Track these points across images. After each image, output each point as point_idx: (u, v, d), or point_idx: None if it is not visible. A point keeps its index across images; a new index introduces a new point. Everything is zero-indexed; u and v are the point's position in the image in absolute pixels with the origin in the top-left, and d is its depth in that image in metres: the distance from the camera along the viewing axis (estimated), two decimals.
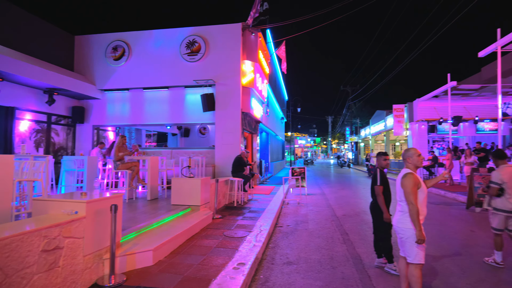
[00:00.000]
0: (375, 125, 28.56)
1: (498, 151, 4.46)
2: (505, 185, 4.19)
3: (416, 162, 3.16)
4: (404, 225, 3.07)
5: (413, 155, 3.17)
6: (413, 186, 3.00)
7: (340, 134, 59.69)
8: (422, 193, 3.07)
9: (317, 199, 10.42)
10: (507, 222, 4.26)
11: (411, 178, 3.03)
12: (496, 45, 10.17)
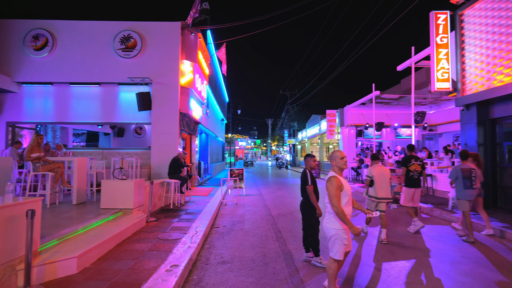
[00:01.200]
0: (311, 128, 30.24)
1: (373, 155, 6.05)
2: (374, 178, 5.81)
3: (339, 164, 3.29)
4: (329, 225, 3.25)
5: (337, 158, 3.30)
6: (336, 189, 3.14)
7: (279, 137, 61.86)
8: (346, 195, 3.20)
9: (255, 200, 10.70)
10: (377, 205, 5.88)
11: (334, 181, 3.16)
12: (410, 61, 11.60)
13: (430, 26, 9.39)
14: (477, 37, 8.41)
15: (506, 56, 7.46)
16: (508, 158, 8.19)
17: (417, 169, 6.41)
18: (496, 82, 7.69)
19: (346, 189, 3.22)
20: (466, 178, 5.74)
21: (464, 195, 5.73)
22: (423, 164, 6.43)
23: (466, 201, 5.72)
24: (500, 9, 7.66)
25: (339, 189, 3.15)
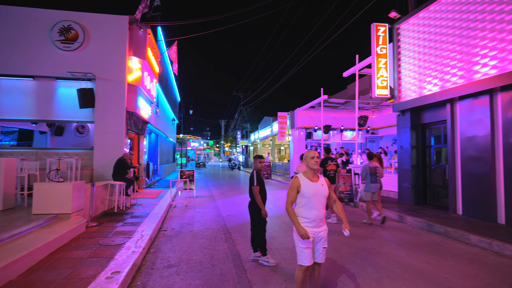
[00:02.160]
0: (263, 130, 30.73)
1: (301, 156, 6.61)
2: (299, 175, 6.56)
3: (309, 164, 3.11)
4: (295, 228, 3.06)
5: (307, 158, 3.14)
6: (291, 189, 3.04)
7: (232, 138, 61.90)
8: (304, 197, 2.97)
9: (205, 201, 10.57)
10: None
11: (293, 181, 3.08)
12: (355, 68, 12.37)
13: (371, 36, 10.12)
14: (411, 49, 9.26)
15: (434, 67, 8.32)
16: (436, 160, 9.13)
17: (333, 168, 7.82)
18: (426, 91, 8.54)
19: (305, 191, 2.98)
20: (372, 175, 7.19)
21: (370, 188, 7.15)
22: (338, 164, 7.87)
23: (370, 193, 7.16)
24: (430, 25, 8.52)
25: (295, 189, 3.02)
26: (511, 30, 6.30)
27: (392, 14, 10.00)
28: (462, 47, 7.48)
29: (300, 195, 3.00)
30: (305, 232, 2.87)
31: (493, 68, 6.67)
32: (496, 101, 6.79)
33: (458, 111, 7.73)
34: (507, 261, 4.72)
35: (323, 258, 3.07)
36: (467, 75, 7.30)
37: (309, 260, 2.92)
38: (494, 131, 6.78)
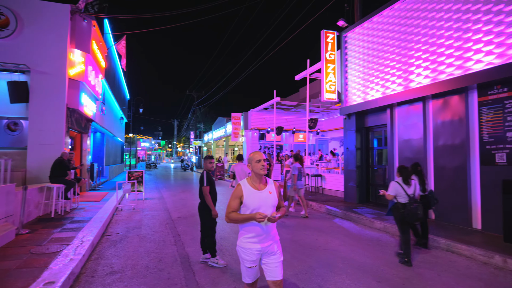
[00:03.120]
0: (217, 130, 30.48)
1: (239, 155, 7.35)
2: (235, 173, 7.13)
3: (255, 169, 2.57)
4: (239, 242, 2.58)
5: (252, 161, 2.60)
6: (233, 199, 2.53)
7: (185, 138, 60.46)
8: (247, 209, 2.49)
9: (155, 203, 10.17)
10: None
11: (235, 190, 2.57)
12: (306, 73, 12.81)
13: (321, 43, 10.57)
14: (357, 56, 9.86)
15: (377, 75, 8.94)
16: (378, 161, 9.82)
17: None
18: (370, 96, 9.15)
19: (248, 202, 2.48)
20: (300, 174, 8.36)
21: (298, 185, 8.35)
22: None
23: (299, 189, 8.37)
24: (373, 36, 9.15)
25: (237, 200, 2.51)
26: (441, 44, 7.01)
27: (340, 23, 10.55)
28: (400, 57, 8.14)
29: (244, 206, 2.50)
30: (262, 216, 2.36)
31: (426, 78, 7.36)
32: (428, 108, 7.50)
33: (397, 116, 8.40)
34: (437, 252, 5.22)
35: (279, 274, 2.51)
36: (405, 83, 7.96)
37: (253, 277, 2.59)
38: (426, 134, 7.48)
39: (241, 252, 2.53)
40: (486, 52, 6.07)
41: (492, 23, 5.98)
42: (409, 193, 4.78)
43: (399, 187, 4.84)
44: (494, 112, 6.02)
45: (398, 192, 4.82)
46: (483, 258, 4.79)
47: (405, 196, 4.78)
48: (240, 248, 2.54)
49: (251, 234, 2.49)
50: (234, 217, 2.47)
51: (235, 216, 2.47)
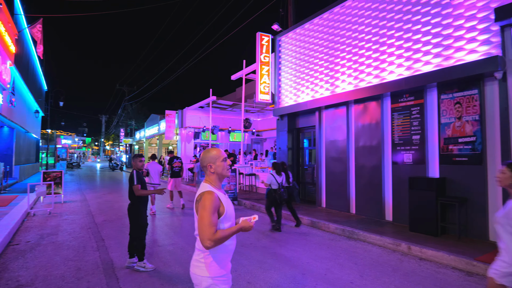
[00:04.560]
0: (150, 128, 29.04)
1: (153, 155, 8.72)
2: (149, 171, 8.15)
3: (220, 169, 2.04)
4: (198, 270, 1.96)
5: (217, 160, 2.04)
6: (211, 214, 1.87)
7: (115, 135, 56.34)
8: (228, 220, 1.99)
9: (76, 207, 9.27)
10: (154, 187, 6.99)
11: (209, 201, 1.90)
12: (242, 73, 12.98)
13: (256, 45, 10.81)
14: (290, 60, 10.32)
15: (307, 79, 9.48)
16: (308, 160, 10.41)
17: (178, 165, 9.49)
18: (301, 99, 9.65)
19: (229, 211, 2.00)
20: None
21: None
22: (182, 162, 9.74)
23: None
24: (305, 41, 9.68)
25: (216, 212, 1.91)
26: (362, 55, 7.72)
27: (275, 27, 10.92)
28: (328, 64, 8.75)
29: (224, 218, 1.96)
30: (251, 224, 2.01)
31: (349, 84, 8.04)
32: (351, 112, 8.20)
33: (324, 118, 9.01)
34: (355, 243, 5.74)
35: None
36: (332, 88, 8.58)
37: None
38: (349, 136, 8.18)
39: (221, 282, 1.96)
40: (397, 64, 6.88)
41: (402, 39, 6.80)
42: (279, 181, 6.67)
43: (272, 177, 6.65)
44: (403, 118, 6.85)
45: (272, 181, 6.64)
46: (392, 246, 5.42)
47: (276, 184, 6.64)
48: (218, 279, 1.95)
49: (225, 255, 2.02)
50: (222, 236, 1.86)
51: (223, 234, 1.87)
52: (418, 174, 6.41)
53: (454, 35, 5.86)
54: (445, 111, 6.03)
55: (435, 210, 5.72)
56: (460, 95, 5.82)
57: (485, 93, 5.51)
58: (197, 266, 1.97)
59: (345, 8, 8.29)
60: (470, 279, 4.05)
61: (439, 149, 6.12)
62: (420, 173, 6.39)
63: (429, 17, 6.29)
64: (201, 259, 1.95)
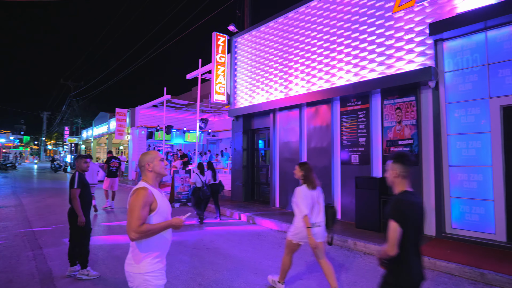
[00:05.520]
0: (99, 127, 27.37)
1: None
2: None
3: (158, 168, 2.20)
4: (132, 268, 2.03)
5: (153, 160, 2.20)
6: (142, 208, 1.99)
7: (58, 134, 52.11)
8: (161, 216, 2.10)
9: (9, 213, 8.41)
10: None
11: (141, 195, 2.03)
12: (197, 72, 12.77)
13: (212, 44, 10.73)
14: (246, 61, 10.39)
15: (262, 81, 9.63)
16: (262, 161, 10.57)
17: (116, 165, 9.66)
18: (256, 101, 9.77)
19: (162, 208, 2.12)
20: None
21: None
22: (120, 162, 9.88)
23: None
24: (261, 44, 9.82)
25: (147, 207, 2.03)
26: (314, 59, 8.04)
27: (231, 28, 10.93)
28: (282, 67, 8.97)
29: (156, 213, 2.07)
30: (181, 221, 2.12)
31: (302, 87, 8.32)
32: (303, 114, 8.49)
33: (278, 120, 9.22)
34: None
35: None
36: (285, 91, 8.81)
37: None
38: (301, 137, 8.46)
39: (153, 278, 2.01)
40: (346, 70, 7.28)
41: (350, 47, 7.21)
42: (203, 180, 7.55)
43: (197, 176, 7.55)
44: (351, 121, 7.26)
45: (197, 180, 7.51)
46: (340, 243, 5.71)
47: (200, 182, 7.48)
48: (150, 275, 2.01)
49: (158, 252, 2.08)
50: (149, 229, 1.97)
51: (150, 228, 1.98)
52: (364, 174, 6.83)
53: (395, 45, 6.36)
54: (388, 115, 6.51)
55: (378, 208, 6.15)
56: (400, 101, 6.32)
57: (421, 100, 6.05)
58: (130, 264, 2.04)
59: (299, 14, 8.57)
60: None
61: (382, 151, 6.59)
62: (366, 173, 6.82)
63: (374, 27, 6.75)
64: (135, 255, 2.03)
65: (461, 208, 5.46)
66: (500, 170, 5.04)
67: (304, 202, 3.49)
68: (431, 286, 3.87)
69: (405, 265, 2.06)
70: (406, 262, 2.06)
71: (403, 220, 2.03)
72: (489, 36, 5.24)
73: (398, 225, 2.01)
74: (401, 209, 2.08)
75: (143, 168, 2.18)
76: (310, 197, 3.56)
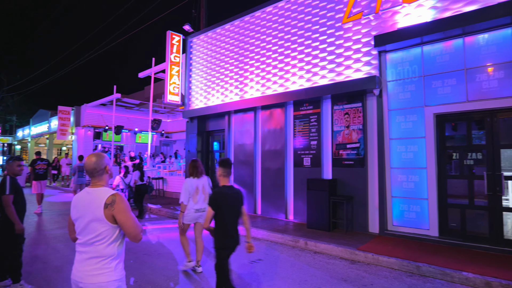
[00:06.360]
0: (38, 125, 25.03)
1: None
2: None
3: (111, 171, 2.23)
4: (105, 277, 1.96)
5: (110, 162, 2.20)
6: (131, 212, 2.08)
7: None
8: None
9: None
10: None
11: (125, 200, 2.06)
12: (151, 71, 12.32)
13: (166, 43, 10.43)
14: (201, 62, 10.27)
15: (217, 83, 9.58)
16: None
17: (43, 167, 9.50)
18: (211, 102, 9.69)
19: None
20: (80, 171, 9.59)
21: (78, 181, 9.61)
22: (49, 163, 9.89)
23: (78, 184, 9.64)
24: (217, 46, 9.77)
25: None
26: (269, 64, 8.20)
27: (186, 27, 10.73)
28: (238, 70, 9.02)
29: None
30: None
31: (257, 91, 8.44)
32: (258, 117, 8.60)
33: (233, 122, 9.23)
34: (259, 243, 6.02)
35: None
36: (241, 93, 8.86)
37: None
38: (256, 140, 8.56)
39: (124, 284, 2.07)
40: (299, 76, 7.53)
41: (304, 53, 7.48)
42: (126, 182, 8.44)
43: (120, 179, 8.37)
44: (303, 125, 7.52)
45: (120, 182, 8.29)
46: (292, 243, 5.88)
47: (123, 184, 8.32)
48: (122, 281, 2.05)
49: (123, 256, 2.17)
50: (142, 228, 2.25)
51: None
52: (315, 176, 7.12)
53: (344, 54, 6.74)
54: (337, 120, 6.87)
55: (328, 208, 6.44)
56: (348, 107, 6.70)
57: (367, 106, 6.47)
58: (100, 273, 1.94)
59: (255, 18, 8.69)
60: (353, 266, 4.68)
61: (332, 154, 6.92)
62: (317, 175, 7.11)
63: (325, 36, 7.08)
64: (106, 264, 1.96)
65: (401, 207, 5.94)
66: (433, 172, 5.58)
67: (184, 192, 4.34)
68: (374, 280, 4.15)
69: (222, 234, 3.04)
70: (224, 232, 3.04)
71: (216, 205, 2.99)
72: (424, 50, 5.79)
73: (211, 208, 2.98)
74: (215, 198, 3.02)
75: (102, 171, 2.09)
76: (195, 186, 4.44)
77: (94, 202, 1.97)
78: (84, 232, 1.98)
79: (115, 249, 1.99)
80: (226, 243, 3.06)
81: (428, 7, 5.67)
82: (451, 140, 6.14)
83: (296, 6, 7.71)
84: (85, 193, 2.05)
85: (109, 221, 1.95)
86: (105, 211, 1.94)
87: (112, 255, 1.98)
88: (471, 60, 5.31)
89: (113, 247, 1.99)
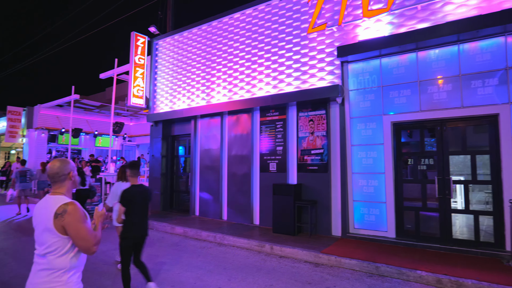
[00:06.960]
0: None
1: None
2: None
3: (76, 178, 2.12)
4: None
5: (74, 168, 2.09)
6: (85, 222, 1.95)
7: None
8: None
9: None
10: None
11: (79, 210, 1.93)
12: (113, 72, 11.82)
13: (130, 45, 10.10)
14: (167, 66, 10.06)
15: (184, 87, 9.44)
16: (182, 168, 10.29)
17: None
18: (177, 106, 9.52)
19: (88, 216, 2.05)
20: (22, 176, 9.53)
21: (20, 187, 9.49)
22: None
23: (21, 190, 9.55)
24: (183, 49, 9.64)
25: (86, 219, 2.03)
26: (236, 69, 8.25)
27: (152, 29, 10.50)
28: (205, 74, 8.96)
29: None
30: None
31: (224, 96, 8.43)
32: (225, 122, 8.59)
33: (200, 127, 9.14)
34: (225, 249, 5.98)
35: None
36: (207, 98, 8.81)
37: None
38: (222, 145, 8.53)
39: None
40: (266, 82, 7.65)
41: (270, 60, 7.62)
42: None
43: None
44: (270, 130, 7.63)
45: None
46: (257, 248, 5.91)
47: None
48: None
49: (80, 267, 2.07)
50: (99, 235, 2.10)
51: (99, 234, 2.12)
52: (281, 181, 7.24)
53: (309, 63, 6.97)
54: (302, 126, 7.06)
55: (293, 213, 6.57)
56: (313, 114, 6.92)
57: (330, 113, 6.73)
58: (50, 287, 1.85)
59: (222, 24, 8.70)
60: (317, 269, 4.81)
61: (297, 159, 7.09)
62: (282, 180, 7.23)
63: (291, 45, 7.28)
64: (56, 277, 1.86)
65: (362, 210, 6.21)
66: (391, 176, 5.92)
67: (111, 194, 4.75)
68: (336, 282, 4.29)
69: (130, 226, 3.59)
70: (131, 225, 3.59)
71: (125, 202, 3.52)
72: (383, 62, 6.16)
73: (121, 205, 3.51)
74: (124, 196, 3.54)
75: (65, 177, 2.00)
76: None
77: (46, 211, 1.89)
78: (38, 242, 1.91)
79: (67, 262, 1.88)
80: (129, 234, 3.60)
81: (385, 22, 6.06)
82: (407, 146, 6.57)
83: (264, 14, 7.85)
84: (44, 200, 1.96)
85: (59, 232, 1.85)
86: (55, 221, 1.85)
87: (64, 267, 1.88)
88: (423, 73, 5.73)
89: (64, 259, 1.88)
